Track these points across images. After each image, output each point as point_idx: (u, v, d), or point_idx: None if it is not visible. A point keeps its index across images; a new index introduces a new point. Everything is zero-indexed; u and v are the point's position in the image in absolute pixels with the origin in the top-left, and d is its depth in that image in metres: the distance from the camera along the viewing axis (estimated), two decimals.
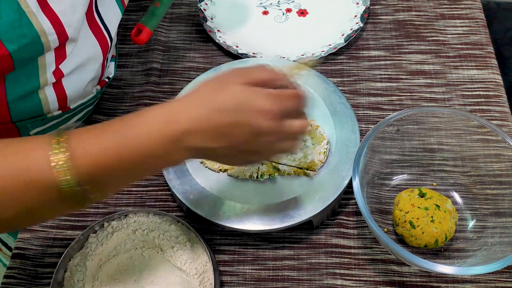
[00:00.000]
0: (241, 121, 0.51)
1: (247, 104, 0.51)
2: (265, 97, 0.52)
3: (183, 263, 0.62)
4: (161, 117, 0.51)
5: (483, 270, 0.58)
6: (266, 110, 0.51)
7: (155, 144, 0.50)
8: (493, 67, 0.85)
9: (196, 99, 0.52)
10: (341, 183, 0.67)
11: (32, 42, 0.56)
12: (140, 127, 0.50)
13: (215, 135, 0.51)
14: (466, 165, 0.71)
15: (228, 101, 0.51)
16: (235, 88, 0.52)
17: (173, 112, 0.51)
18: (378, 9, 0.93)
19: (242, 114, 0.51)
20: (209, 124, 0.51)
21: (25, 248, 0.71)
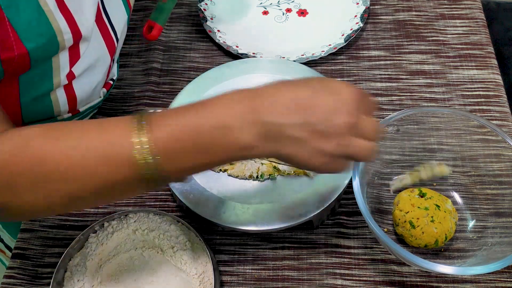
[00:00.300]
0: (322, 96, 0.49)
1: (333, 88, 0.50)
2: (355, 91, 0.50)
3: (183, 263, 0.62)
4: (242, 93, 0.50)
5: (483, 270, 0.57)
6: (351, 99, 0.49)
7: (233, 113, 0.48)
8: (493, 67, 0.85)
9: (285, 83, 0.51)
10: (341, 183, 0.67)
11: (49, 41, 0.56)
12: (219, 101, 0.49)
13: (293, 107, 0.48)
14: (466, 165, 0.71)
15: (314, 82, 0.50)
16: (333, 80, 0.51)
17: (256, 90, 0.50)
18: (378, 9, 0.93)
19: (326, 91, 0.49)
20: (290, 96, 0.49)
21: (25, 248, 0.71)
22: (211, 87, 0.77)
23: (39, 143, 0.48)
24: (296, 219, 0.65)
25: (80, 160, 0.48)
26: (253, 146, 0.49)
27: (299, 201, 0.66)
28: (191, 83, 0.78)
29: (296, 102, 0.49)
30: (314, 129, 0.48)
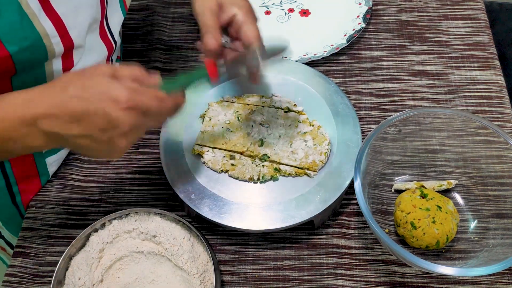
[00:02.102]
0: (96, 109, 0.50)
1: (105, 92, 0.51)
2: (124, 88, 0.51)
3: (184, 263, 0.62)
4: (20, 100, 0.52)
5: (485, 272, 0.57)
6: (121, 100, 0.50)
7: (11, 126, 0.51)
8: (495, 68, 0.85)
9: (59, 85, 0.52)
10: (342, 183, 0.67)
11: (34, 44, 0.56)
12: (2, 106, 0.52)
13: (71, 121, 0.51)
14: (468, 166, 0.71)
15: (88, 88, 0.51)
16: (99, 78, 0.52)
17: (32, 96, 0.52)
18: (380, 9, 0.93)
19: (98, 102, 0.50)
20: (66, 109, 0.50)
21: (26, 246, 0.71)
22: (213, 86, 0.77)
23: None
24: (297, 219, 0.65)
25: None
26: (46, 146, 0.53)
27: (300, 201, 0.66)
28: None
29: (72, 115, 0.50)
30: (96, 138, 0.51)
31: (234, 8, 0.62)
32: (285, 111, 0.73)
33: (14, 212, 0.76)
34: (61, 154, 0.75)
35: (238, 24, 0.62)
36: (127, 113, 0.50)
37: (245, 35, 0.62)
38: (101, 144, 0.52)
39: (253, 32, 0.62)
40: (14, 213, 0.76)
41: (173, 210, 0.72)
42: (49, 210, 0.73)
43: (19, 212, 0.76)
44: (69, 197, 0.74)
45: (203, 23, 0.62)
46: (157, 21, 0.91)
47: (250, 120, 0.72)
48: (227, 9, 0.63)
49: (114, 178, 0.76)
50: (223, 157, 0.69)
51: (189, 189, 0.67)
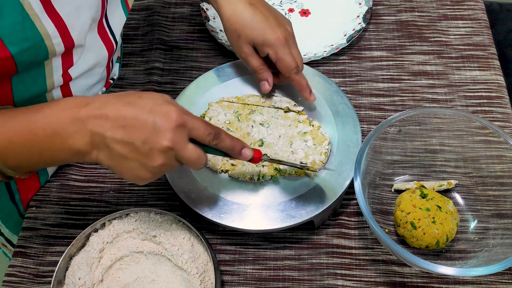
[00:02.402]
0: (146, 118, 0.52)
1: (159, 106, 0.53)
2: (177, 108, 0.53)
3: (184, 263, 0.62)
4: (74, 101, 0.54)
5: (485, 272, 0.57)
6: (171, 117, 0.52)
7: (62, 121, 0.53)
8: (495, 68, 0.85)
9: (116, 95, 0.55)
10: (342, 183, 0.67)
11: (36, 45, 0.56)
12: (53, 107, 0.54)
13: (118, 126, 0.52)
14: (468, 166, 0.71)
15: (143, 99, 0.53)
16: (156, 96, 0.54)
17: (87, 99, 0.54)
18: (380, 9, 0.93)
19: (150, 113, 0.52)
20: (117, 113, 0.52)
21: (26, 246, 0.71)
22: (213, 86, 0.77)
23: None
24: (297, 219, 0.65)
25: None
26: (85, 152, 0.53)
27: (300, 201, 0.66)
28: (193, 82, 0.78)
29: (122, 120, 0.52)
30: (135, 148, 0.52)
31: (265, 49, 0.69)
32: (285, 111, 0.73)
33: (13, 210, 0.76)
34: None
35: (273, 61, 0.70)
36: (174, 131, 0.52)
37: (281, 70, 0.70)
38: (138, 155, 0.52)
39: (287, 65, 0.69)
40: (13, 211, 0.76)
41: (173, 210, 0.72)
42: (49, 210, 0.73)
43: (17, 210, 0.76)
44: (69, 197, 0.74)
45: (251, 67, 0.72)
46: (157, 21, 0.91)
47: (250, 120, 0.72)
48: (260, 50, 0.70)
49: (114, 178, 0.76)
50: (223, 157, 0.69)
51: (189, 189, 0.67)
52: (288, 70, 0.69)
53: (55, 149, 0.54)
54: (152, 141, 0.52)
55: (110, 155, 0.53)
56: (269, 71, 0.72)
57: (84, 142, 0.53)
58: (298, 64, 0.70)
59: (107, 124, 0.52)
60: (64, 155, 0.54)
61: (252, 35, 0.69)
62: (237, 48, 0.72)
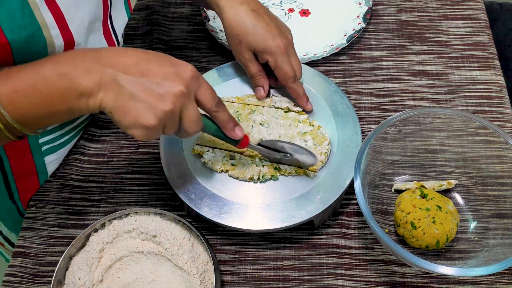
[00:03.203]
0: (162, 63, 0.53)
1: (174, 60, 0.55)
2: (193, 68, 0.55)
3: (184, 263, 0.62)
4: (87, 50, 0.53)
5: (484, 272, 0.57)
6: (189, 74, 0.54)
7: (74, 63, 0.51)
8: (495, 68, 0.85)
9: (129, 48, 0.55)
10: (342, 183, 0.67)
11: (33, 34, 0.56)
12: (62, 55, 0.53)
13: (135, 64, 0.52)
14: (468, 166, 0.71)
15: (157, 53, 0.55)
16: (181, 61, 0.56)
17: (101, 48, 0.54)
18: (380, 9, 0.93)
19: (169, 60, 0.54)
20: (134, 55, 0.53)
21: (26, 246, 0.71)
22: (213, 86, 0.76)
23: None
24: (297, 219, 0.65)
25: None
26: (91, 93, 0.51)
27: (300, 201, 0.66)
28: None
29: (137, 62, 0.52)
30: (149, 88, 0.51)
31: (265, 56, 0.70)
32: (285, 111, 0.73)
33: (12, 209, 0.76)
34: (59, 153, 0.75)
35: (272, 68, 0.71)
36: (190, 80, 0.53)
37: (279, 77, 0.71)
38: (150, 96, 0.51)
39: (284, 74, 0.70)
40: (12, 210, 0.76)
41: (173, 210, 0.72)
42: (49, 210, 0.73)
43: (17, 208, 0.76)
44: (69, 197, 0.74)
45: (249, 73, 0.73)
46: (157, 21, 0.91)
47: (250, 120, 0.72)
48: (259, 57, 0.71)
49: (114, 178, 0.76)
50: (223, 157, 0.69)
51: (189, 189, 0.67)
52: (285, 79, 0.71)
53: (61, 91, 0.51)
54: (168, 83, 0.52)
55: (118, 95, 0.51)
56: (266, 78, 0.73)
57: (92, 81, 0.51)
58: (296, 73, 0.71)
59: (122, 62, 0.51)
60: (69, 99, 0.52)
61: (253, 42, 0.70)
62: (238, 53, 0.72)
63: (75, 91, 0.51)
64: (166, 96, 0.52)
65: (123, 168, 0.77)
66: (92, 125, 0.80)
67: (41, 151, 0.72)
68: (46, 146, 0.72)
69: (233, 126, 0.61)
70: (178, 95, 0.52)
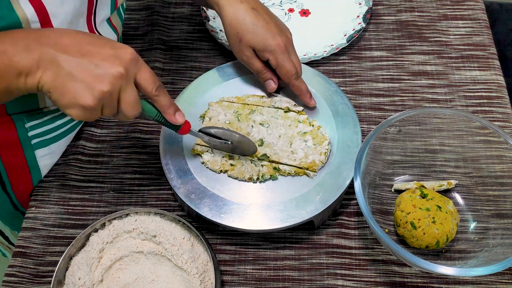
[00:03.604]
0: (104, 46, 0.53)
1: (116, 43, 0.54)
2: (133, 52, 0.55)
3: (184, 263, 0.62)
4: (29, 30, 0.53)
5: (484, 272, 0.57)
6: (129, 56, 0.54)
7: (14, 41, 0.51)
8: (495, 68, 0.85)
9: (70, 30, 0.55)
10: (342, 183, 0.67)
11: (10, 26, 0.55)
12: (7, 31, 0.53)
13: (74, 46, 0.52)
14: (468, 166, 0.71)
15: (100, 37, 0.55)
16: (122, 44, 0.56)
17: (43, 29, 0.54)
18: (380, 9, 0.93)
19: (110, 43, 0.54)
20: (75, 36, 0.53)
21: (26, 246, 0.71)
22: (213, 87, 0.77)
23: None
24: (297, 219, 0.65)
25: None
26: (30, 71, 0.51)
27: (300, 201, 0.66)
28: (193, 82, 0.78)
29: (78, 43, 0.52)
30: (88, 68, 0.51)
31: (266, 54, 0.71)
32: (285, 111, 0.73)
33: (5, 200, 0.76)
34: (52, 148, 0.74)
35: (274, 66, 0.71)
36: (129, 62, 0.53)
37: (281, 75, 0.72)
38: (89, 76, 0.51)
39: (286, 72, 0.71)
40: (5, 201, 0.76)
41: (173, 210, 0.72)
42: (49, 210, 0.73)
43: (10, 199, 0.76)
44: (69, 197, 0.74)
45: (254, 69, 0.73)
46: (157, 21, 0.91)
47: (250, 120, 0.72)
48: (260, 56, 0.72)
49: (114, 178, 0.76)
50: (222, 157, 0.69)
51: (189, 189, 0.67)
52: (288, 76, 0.71)
53: (0, 68, 0.51)
54: (107, 64, 0.52)
55: (56, 74, 0.51)
56: (271, 71, 0.73)
57: (31, 59, 0.51)
58: (297, 70, 0.71)
59: (62, 43, 0.51)
60: (7, 77, 0.51)
61: (254, 40, 0.70)
62: (238, 51, 0.72)
63: (13, 69, 0.51)
64: (105, 77, 0.52)
65: (123, 168, 0.77)
66: (92, 125, 0.80)
67: (31, 144, 0.71)
68: (36, 140, 0.71)
69: (173, 111, 0.60)
70: (117, 77, 0.52)
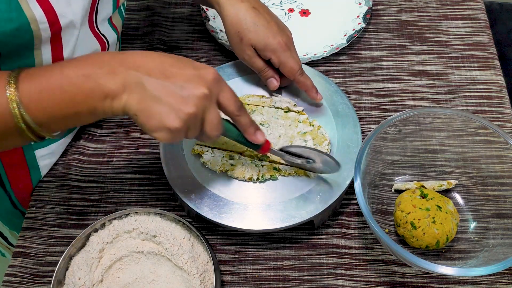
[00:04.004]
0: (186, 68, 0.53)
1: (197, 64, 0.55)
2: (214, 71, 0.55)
3: (184, 263, 0.62)
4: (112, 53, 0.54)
5: (484, 272, 0.57)
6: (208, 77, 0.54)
7: (99, 64, 0.51)
8: (495, 68, 0.85)
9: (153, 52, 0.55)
10: (342, 183, 0.67)
11: (20, 28, 0.55)
12: (88, 56, 0.53)
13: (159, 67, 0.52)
14: (468, 166, 0.71)
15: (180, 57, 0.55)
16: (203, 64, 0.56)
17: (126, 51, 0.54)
18: (380, 9, 0.93)
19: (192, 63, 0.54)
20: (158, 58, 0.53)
21: (26, 246, 0.71)
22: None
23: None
24: (297, 219, 0.65)
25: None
26: (116, 95, 0.51)
27: (300, 201, 0.66)
28: None
29: (161, 65, 0.52)
30: (173, 90, 0.52)
31: (267, 53, 0.71)
32: (285, 111, 0.73)
33: (4, 199, 0.76)
34: (51, 148, 0.74)
35: (276, 65, 0.72)
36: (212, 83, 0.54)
37: (285, 73, 0.72)
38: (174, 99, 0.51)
39: (290, 69, 0.71)
40: (4, 199, 0.76)
41: (173, 210, 0.72)
42: (49, 210, 0.73)
43: (9, 197, 0.76)
44: (69, 197, 0.74)
45: (255, 68, 0.73)
46: (157, 21, 0.91)
47: None
48: (261, 55, 0.72)
49: (114, 178, 0.76)
50: (222, 157, 0.69)
51: (189, 189, 0.67)
52: (293, 73, 0.71)
53: (86, 92, 0.51)
54: (191, 86, 0.52)
55: (142, 97, 0.51)
56: (273, 70, 0.73)
57: (116, 82, 0.51)
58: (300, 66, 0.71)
59: (146, 65, 0.52)
60: (93, 100, 0.51)
61: (254, 39, 0.70)
62: (239, 50, 0.72)
63: (99, 92, 0.51)
64: (190, 99, 0.52)
65: (123, 168, 0.77)
66: (92, 125, 0.80)
67: (31, 144, 0.71)
68: None
69: (254, 130, 0.60)
70: (201, 98, 0.52)
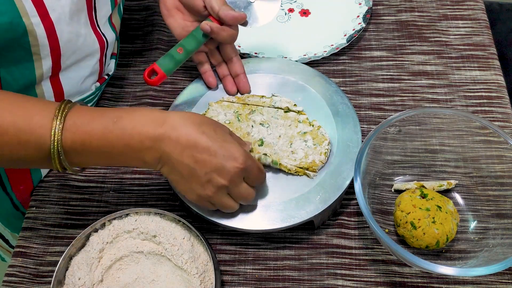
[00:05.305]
0: (216, 154, 0.57)
1: (230, 144, 0.59)
2: (243, 151, 0.60)
3: (184, 263, 0.62)
4: (152, 115, 0.58)
5: (484, 272, 0.57)
6: (239, 159, 0.58)
7: (138, 137, 0.56)
8: (495, 68, 0.85)
9: (194, 120, 0.58)
10: (342, 183, 0.67)
11: (13, 21, 0.55)
12: (130, 119, 0.57)
13: (189, 150, 0.57)
14: (468, 166, 0.71)
15: (218, 134, 0.59)
16: (225, 129, 0.61)
17: (164, 115, 0.58)
18: (380, 9, 0.93)
19: (222, 150, 0.58)
20: (191, 140, 0.57)
21: (26, 246, 0.71)
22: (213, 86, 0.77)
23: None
24: (297, 219, 0.65)
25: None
26: (152, 165, 0.59)
27: (300, 201, 0.66)
28: (193, 82, 0.78)
29: (192, 147, 0.57)
30: (197, 175, 0.58)
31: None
32: (285, 111, 0.73)
33: (5, 202, 0.76)
34: None
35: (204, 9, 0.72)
36: (235, 174, 0.59)
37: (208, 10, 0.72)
38: (195, 181, 0.59)
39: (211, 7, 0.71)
40: (5, 201, 0.76)
41: (173, 210, 0.72)
42: (49, 210, 0.73)
43: (10, 200, 0.76)
44: (69, 197, 0.74)
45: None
46: (157, 21, 0.91)
47: (250, 120, 0.72)
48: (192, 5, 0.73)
49: (114, 178, 0.76)
50: None
51: None
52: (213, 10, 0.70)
53: (126, 158, 0.58)
54: (213, 176, 0.58)
55: (172, 171, 0.59)
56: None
57: (153, 157, 0.57)
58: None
59: (178, 147, 0.57)
60: (133, 163, 0.59)
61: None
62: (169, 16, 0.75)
63: (138, 160, 0.58)
64: (208, 186, 0.59)
65: (123, 168, 0.77)
66: None
67: None
68: None
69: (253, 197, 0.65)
70: (220, 187, 0.59)
